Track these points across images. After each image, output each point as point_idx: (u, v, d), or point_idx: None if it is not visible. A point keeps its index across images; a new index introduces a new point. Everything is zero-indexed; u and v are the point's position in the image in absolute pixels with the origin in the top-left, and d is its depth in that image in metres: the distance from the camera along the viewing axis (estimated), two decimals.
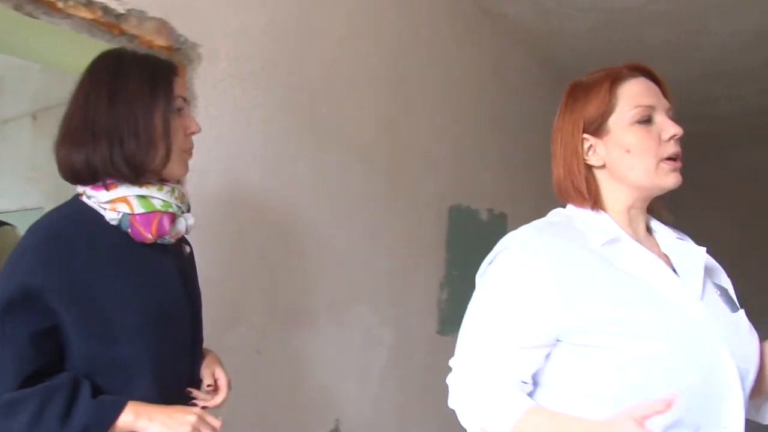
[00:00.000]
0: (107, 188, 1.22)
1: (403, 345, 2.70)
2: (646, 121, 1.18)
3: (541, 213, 1.39)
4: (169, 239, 1.28)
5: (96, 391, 1.14)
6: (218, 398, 1.34)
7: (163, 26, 1.79)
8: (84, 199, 1.25)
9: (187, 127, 1.31)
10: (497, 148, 3.63)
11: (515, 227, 1.25)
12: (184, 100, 1.32)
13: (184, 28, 1.83)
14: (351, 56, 2.48)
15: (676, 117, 1.20)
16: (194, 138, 1.81)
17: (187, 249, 1.41)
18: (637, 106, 1.18)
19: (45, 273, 1.14)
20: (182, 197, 1.31)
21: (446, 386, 1.25)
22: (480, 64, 3.49)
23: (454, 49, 3.24)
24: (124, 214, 1.22)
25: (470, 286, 1.30)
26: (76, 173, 1.22)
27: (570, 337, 1.08)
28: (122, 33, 1.70)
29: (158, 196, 1.26)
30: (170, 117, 1.26)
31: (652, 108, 1.18)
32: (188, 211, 1.35)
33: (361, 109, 2.51)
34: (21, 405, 1.08)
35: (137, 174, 1.22)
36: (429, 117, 2.98)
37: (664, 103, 1.19)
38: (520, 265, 1.14)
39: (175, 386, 1.27)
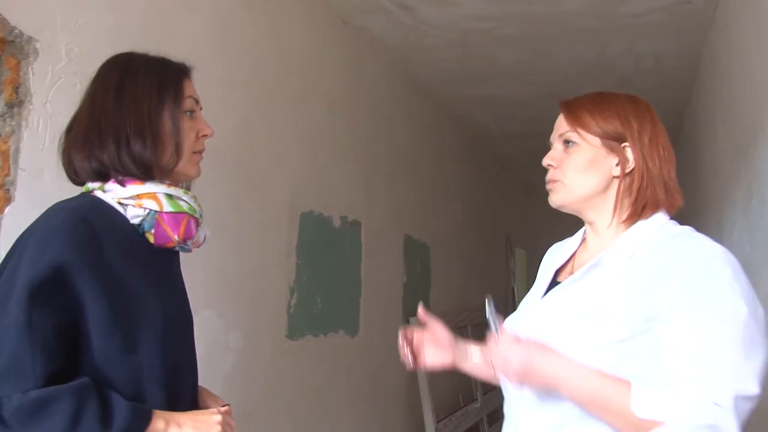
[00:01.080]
0: (122, 184, 1.17)
1: (251, 350, 2.71)
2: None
3: (395, 221, 1.47)
4: (190, 245, 1.24)
5: None
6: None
7: None
8: (98, 194, 1.19)
9: (199, 130, 1.29)
10: (354, 157, 3.71)
11: (369, 234, 1.35)
12: (197, 101, 1.30)
13: (19, 20, 1.75)
14: (205, 59, 2.45)
15: (579, 137, 1.28)
16: (24, 137, 1.76)
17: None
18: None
19: (80, 254, 1.05)
20: (200, 206, 1.28)
21: (295, 389, 1.32)
22: (339, 74, 3.56)
23: (314, 58, 3.29)
24: (151, 212, 1.17)
25: (319, 291, 1.40)
26: (85, 174, 1.19)
27: None
28: None
29: (185, 198, 1.23)
30: (179, 117, 1.23)
31: (550, 143, 1.33)
32: None
33: (212, 111, 2.49)
34: (54, 405, 0.98)
35: (146, 173, 1.18)
36: (285, 123, 3.01)
37: (556, 133, 1.32)
38: None
39: (182, 402, 1.20)
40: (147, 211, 1.16)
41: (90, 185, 1.20)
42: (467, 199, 6.00)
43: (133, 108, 1.19)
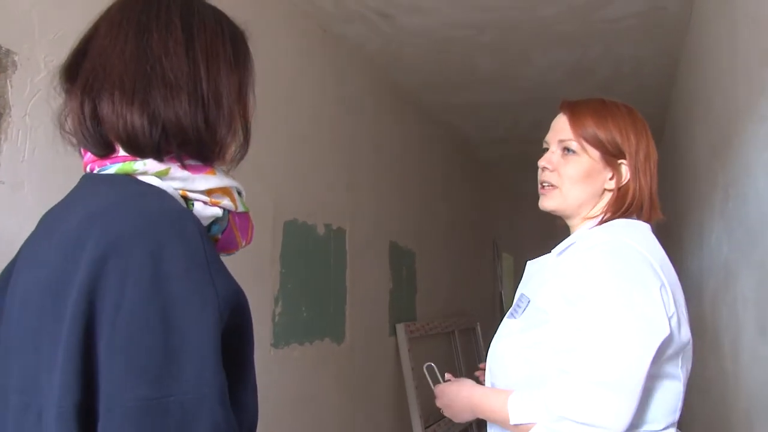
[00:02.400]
0: (187, 169, 0.86)
1: None
2: (545, 151, 1.36)
3: (380, 228, 1.48)
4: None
5: None
6: None
7: None
8: (149, 180, 0.84)
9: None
10: (337, 165, 3.73)
11: (354, 242, 1.37)
12: None
13: None
14: None
15: (581, 142, 1.31)
16: (4, 149, 1.76)
17: None
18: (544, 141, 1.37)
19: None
20: None
21: (281, 398, 1.34)
22: (320, 82, 3.58)
23: (294, 66, 3.30)
24: (225, 213, 0.91)
25: (304, 299, 1.38)
26: (131, 139, 0.83)
27: None
28: None
29: (243, 192, 0.97)
30: (250, 91, 0.96)
31: (546, 142, 1.36)
32: None
33: None
34: None
35: (218, 154, 0.90)
36: (266, 132, 3.01)
37: (557, 137, 1.33)
38: None
39: None
40: (222, 212, 0.90)
41: (136, 165, 0.84)
42: (453, 204, 6.03)
43: (205, 62, 0.87)
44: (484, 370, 1.47)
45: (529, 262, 1.42)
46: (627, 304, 1.10)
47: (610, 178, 1.29)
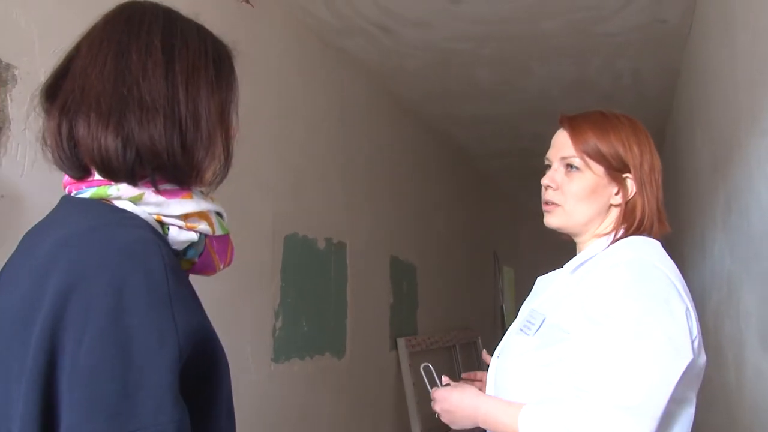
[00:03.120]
0: (162, 194, 0.84)
1: (236, 374, 2.68)
2: (548, 168, 1.33)
3: (381, 242, 1.47)
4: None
5: None
6: None
7: None
8: (124, 205, 0.83)
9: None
10: (338, 178, 3.72)
11: (354, 255, 1.35)
12: None
13: None
14: None
15: (583, 158, 1.28)
16: (3, 163, 1.75)
17: None
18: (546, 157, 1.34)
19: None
20: None
21: (282, 413, 1.31)
22: (320, 95, 3.58)
23: (294, 79, 3.31)
24: (201, 237, 0.89)
25: (305, 314, 1.36)
26: (106, 161, 0.81)
27: None
28: None
29: (224, 214, 0.96)
30: (233, 111, 0.95)
31: (548, 159, 1.32)
32: None
33: None
34: None
35: (195, 178, 0.87)
36: (265, 145, 3.01)
37: (558, 154, 1.30)
38: None
39: None
40: (198, 236, 0.89)
41: (110, 190, 0.83)
42: (453, 218, 6.02)
43: (185, 84, 0.85)
44: (480, 381, 1.44)
45: (539, 278, 1.39)
46: (654, 326, 1.06)
47: (616, 193, 1.26)
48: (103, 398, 0.69)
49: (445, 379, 1.37)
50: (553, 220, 1.30)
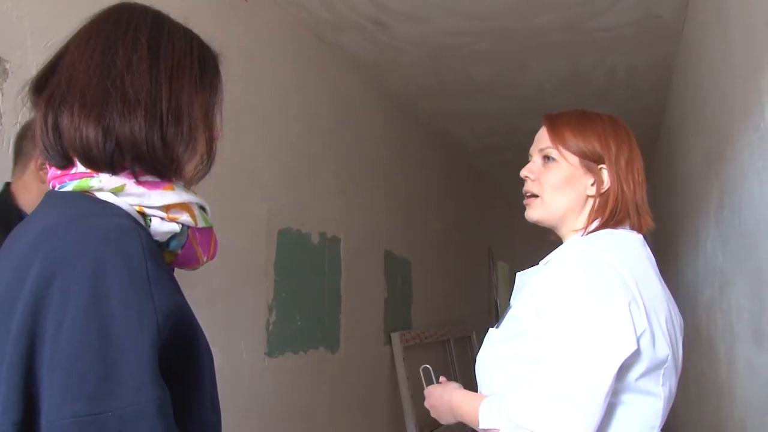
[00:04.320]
0: (143, 185, 0.86)
1: (229, 368, 2.69)
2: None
3: (375, 237, 1.48)
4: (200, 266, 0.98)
5: None
6: None
7: None
8: (106, 196, 0.85)
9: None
10: (332, 173, 3.72)
11: (348, 250, 1.36)
12: None
13: None
14: None
15: (561, 153, 1.31)
16: None
17: None
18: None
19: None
20: None
21: (276, 407, 1.34)
22: (315, 90, 3.58)
23: (289, 74, 3.30)
24: (184, 228, 0.90)
25: (298, 308, 1.36)
26: (86, 152, 0.83)
27: None
28: None
29: (208, 208, 0.98)
30: (216, 112, 0.96)
31: (530, 155, 1.37)
32: None
33: None
34: None
35: (172, 171, 0.89)
36: (260, 140, 3.01)
37: (538, 147, 1.35)
38: None
39: None
40: (180, 227, 0.90)
41: (92, 182, 0.85)
42: (448, 213, 6.02)
43: (168, 80, 0.88)
44: None
45: (518, 274, 1.41)
46: (590, 317, 1.09)
47: (592, 184, 1.29)
48: (84, 379, 0.70)
49: (442, 378, 1.42)
50: (533, 213, 1.34)
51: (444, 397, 1.33)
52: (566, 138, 1.30)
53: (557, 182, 1.29)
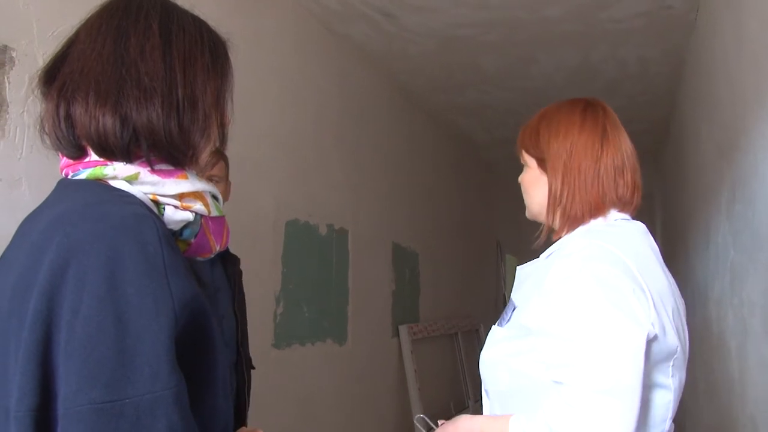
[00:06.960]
0: (157, 173, 0.86)
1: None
2: None
3: (383, 229, 1.47)
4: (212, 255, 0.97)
5: None
6: None
7: None
8: (120, 184, 0.85)
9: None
10: (340, 165, 3.71)
11: (356, 242, 1.35)
12: None
13: None
14: None
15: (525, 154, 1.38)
16: (1, 146, 1.74)
17: None
18: None
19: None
20: None
21: (283, 399, 1.31)
22: (323, 81, 3.56)
23: (297, 65, 3.28)
24: (197, 217, 0.90)
25: (306, 300, 1.35)
26: (103, 141, 0.83)
27: None
28: None
29: (220, 197, 0.97)
30: (228, 98, 0.96)
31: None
32: None
33: None
34: None
35: (190, 159, 0.89)
36: (268, 131, 2.99)
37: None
38: None
39: None
40: (194, 216, 0.90)
41: (106, 170, 0.84)
42: (456, 205, 6.00)
43: (182, 67, 0.87)
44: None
45: (518, 268, 1.40)
46: (608, 310, 1.08)
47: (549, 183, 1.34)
48: (100, 366, 0.69)
49: (440, 422, 1.37)
50: (527, 213, 1.43)
51: (459, 427, 1.25)
52: (525, 144, 1.37)
53: (526, 186, 1.38)
